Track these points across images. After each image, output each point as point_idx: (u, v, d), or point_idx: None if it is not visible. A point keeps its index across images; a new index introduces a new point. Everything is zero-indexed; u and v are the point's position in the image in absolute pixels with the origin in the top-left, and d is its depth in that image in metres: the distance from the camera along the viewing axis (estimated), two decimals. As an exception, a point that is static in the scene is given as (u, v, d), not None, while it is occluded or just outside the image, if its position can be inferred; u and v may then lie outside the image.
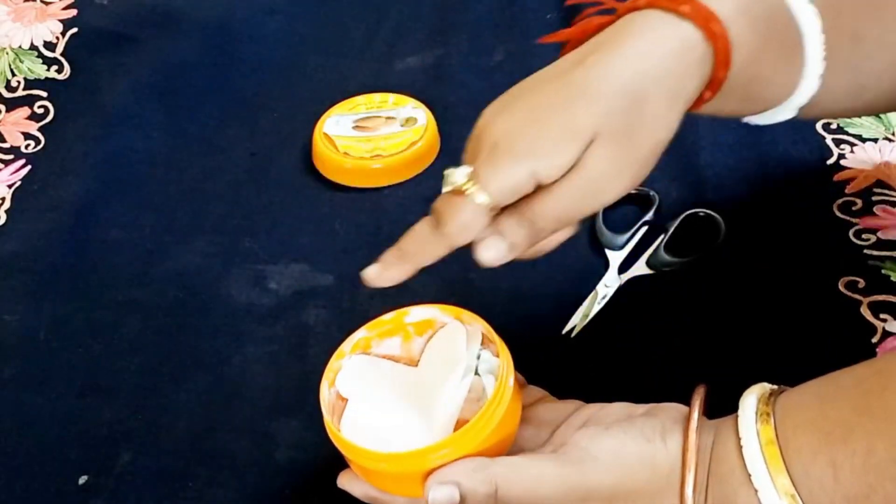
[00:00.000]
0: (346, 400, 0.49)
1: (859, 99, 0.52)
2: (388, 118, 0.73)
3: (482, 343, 0.48)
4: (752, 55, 0.46)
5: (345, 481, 0.48)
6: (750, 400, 0.43)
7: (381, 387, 0.49)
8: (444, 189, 0.45)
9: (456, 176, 0.44)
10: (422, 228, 0.46)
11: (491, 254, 0.45)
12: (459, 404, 0.46)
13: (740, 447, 0.41)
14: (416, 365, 0.50)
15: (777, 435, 0.41)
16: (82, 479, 0.54)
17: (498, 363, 0.46)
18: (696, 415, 0.43)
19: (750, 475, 0.40)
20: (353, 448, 0.45)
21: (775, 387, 0.44)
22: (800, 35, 0.47)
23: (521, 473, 0.43)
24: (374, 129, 0.72)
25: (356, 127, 0.72)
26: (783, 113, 0.50)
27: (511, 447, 0.46)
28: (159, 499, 0.54)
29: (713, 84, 0.46)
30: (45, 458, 0.56)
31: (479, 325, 0.48)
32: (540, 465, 0.43)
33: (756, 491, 0.40)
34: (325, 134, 0.71)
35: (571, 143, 0.43)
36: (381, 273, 0.46)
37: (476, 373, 0.48)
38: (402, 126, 0.72)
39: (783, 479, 0.40)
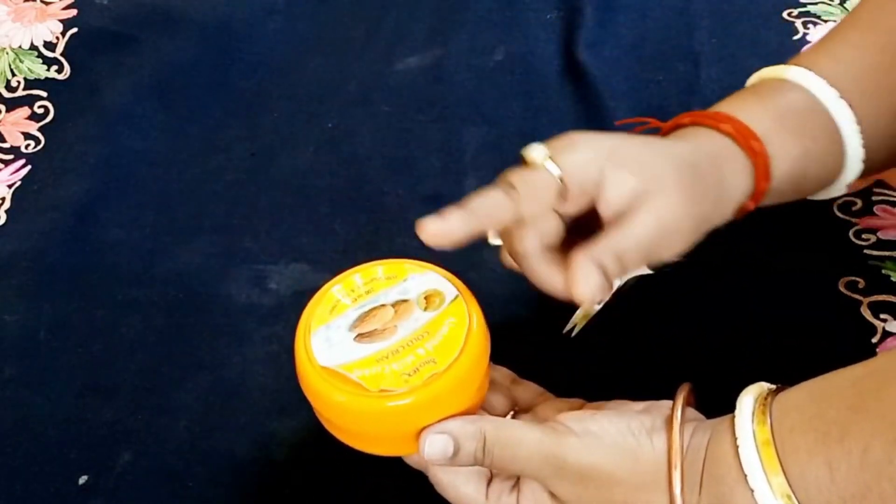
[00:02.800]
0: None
1: None
2: (398, 304, 0.47)
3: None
4: (795, 162, 0.52)
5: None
6: (747, 400, 0.43)
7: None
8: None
9: (535, 151, 0.47)
10: (492, 192, 0.46)
11: (587, 277, 0.46)
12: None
13: (736, 447, 0.41)
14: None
15: (773, 435, 0.41)
16: (82, 479, 0.55)
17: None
18: (678, 413, 0.44)
19: (746, 476, 0.40)
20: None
21: (773, 386, 0.44)
22: (838, 131, 0.53)
23: (507, 431, 0.44)
24: (386, 335, 0.46)
25: (360, 337, 0.46)
26: (833, 192, 0.56)
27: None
28: (159, 499, 0.54)
29: (756, 195, 0.52)
30: (45, 458, 0.56)
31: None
32: (524, 428, 0.44)
33: (752, 491, 0.40)
34: (325, 369, 0.45)
35: (642, 170, 0.47)
36: (442, 225, 0.45)
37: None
38: (425, 310, 0.47)
39: (779, 479, 0.40)
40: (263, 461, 0.55)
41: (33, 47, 0.83)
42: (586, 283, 0.46)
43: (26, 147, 0.75)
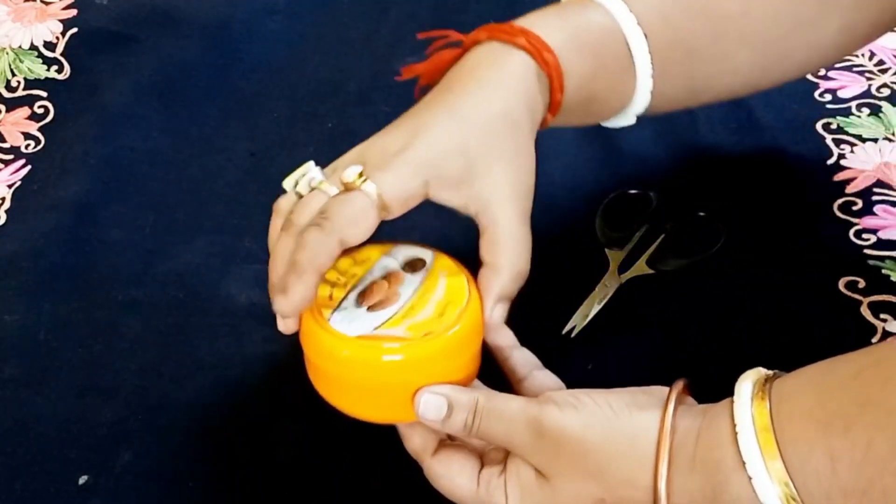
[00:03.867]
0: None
1: (693, 100, 0.59)
2: (387, 277, 0.50)
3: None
4: (584, 79, 0.53)
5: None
6: (745, 385, 0.43)
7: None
8: (322, 187, 0.48)
9: (348, 173, 0.47)
10: (307, 235, 0.46)
11: (502, 315, 0.50)
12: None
13: (734, 433, 0.41)
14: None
15: (773, 421, 0.40)
16: (82, 479, 0.55)
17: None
18: (674, 394, 0.44)
19: (745, 462, 0.40)
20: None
21: (770, 372, 0.44)
22: (631, 56, 0.53)
23: (496, 400, 0.46)
24: (395, 299, 0.48)
25: (371, 308, 0.48)
26: (622, 120, 0.57)
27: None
28: (159, 499, 0.54)
29: (552, 107, 0.52)
30: (45, 458, 0.56)
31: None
32: (510, 398, 0.46)
33: (750, 478, 0.40)
34: (361, 337, 0.46)
35: (461, 158, 0.48)
36: (289, 297, 0.45)
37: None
38: (414, 273, 0.50)
39: (777, 464, 0.39)
40: (263, 461, 0.55)
41: (33, 47, 0.83)
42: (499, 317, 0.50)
43: (26, 147, 0.75)
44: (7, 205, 0.70)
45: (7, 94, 0.79)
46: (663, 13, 0.54)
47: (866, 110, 0.72)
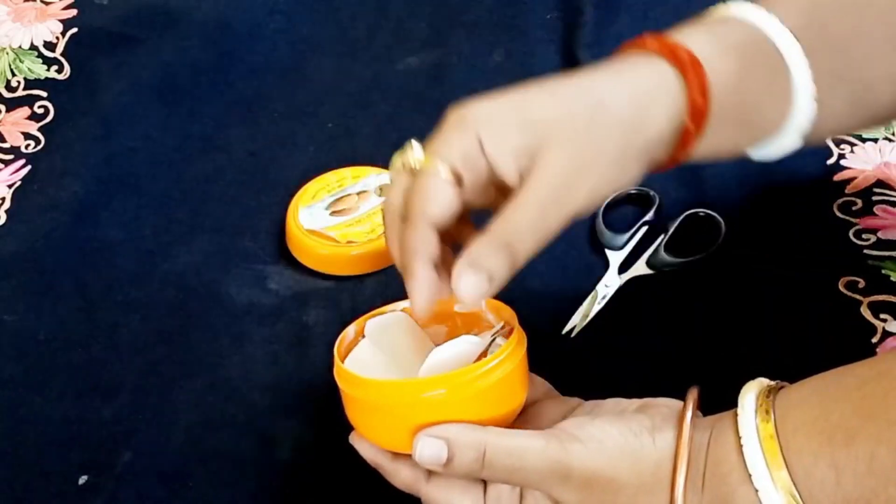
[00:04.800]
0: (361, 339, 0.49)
1: (860, 114, 0.51)
2: (361, 193, 0.67)
3: (501, 329, 0.49)
4: (733, 80, 0.46)
5: (355, 439, 0.48)
6: (749, 397, 0.43)
7: (401, 345, 0.49)
8: (393, 173, 0.46)
9: (409, 156, 0.45)
10: (419, 231, 0.44)
11: (468, 283, 0.43)
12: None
13: (740, 446, 0.41)
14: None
15: (777, 432, 0.41)
16: (82, 479, 0.55)
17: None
18: (689, 414, 0.43)
19: (750, 475, 0.40)
20: (350, 376, 0.45)
21: (773, 382, 0.44)
22: (782, 59, 0.47)
23: (509, 442, 0.43)
24: (353, 210, 0.66)
25: (334, 213, 0.66)
26: (788, 140, 0.49)
27: None
28: (159, 499, 0.54)
29: (694, 112, 0.46)
30: (45, 458, 0.56)
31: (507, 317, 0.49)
32: (528, 438, 0.43)
33: (756, 491, 0.40)
34: (312, 231, 0.65)
35: (520, 128, 0.44)
36: (426, 303, 0.44)
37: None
38: (380, 196, 0.67)
39: (783, 474, 0.40)
40: (263, 461, 0.55)
41: (33, 47, 0.83)
42: (462, 281, 0.43)
43: (26, 147, 0.75)
44: (7, 205, 0.70)
45: (7, 94, 0.79)
46: (812, 16, 0.48)
47: (866, 110, 0.72)
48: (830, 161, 0.69)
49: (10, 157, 0.74)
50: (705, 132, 0.47)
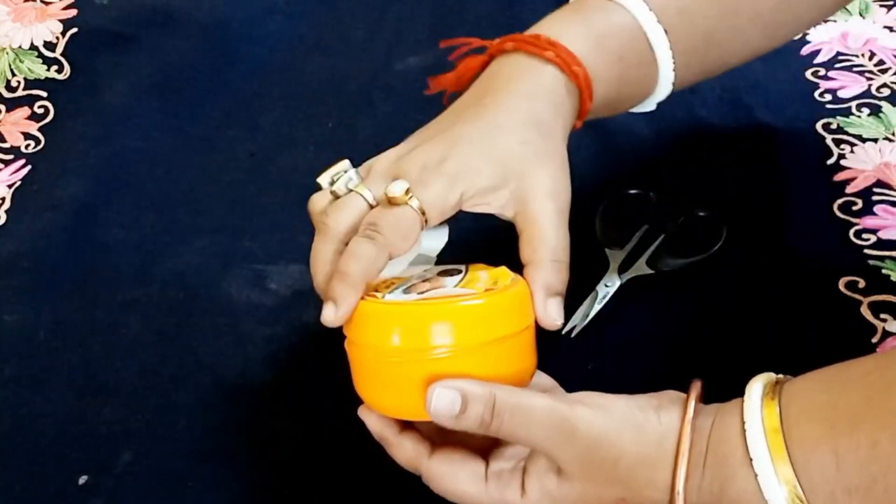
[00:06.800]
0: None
1: (707, 77, 0.61)
2: (427, 280, 0.50)
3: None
4: (611, 85, 0.54)
5: (364, 412, 0.49)
6: (756, 386, 0.43)
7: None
8: (360, 190, 0.49)
9: (395, 188, 0.47)
10: (360, 247, 0.46)
11: (554, 311, 0.49)
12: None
13: (744, 431, 0.42)
14: None
15: (781, 422, 0.41)
16: (82, 479, 0.55)
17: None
18: (694, 396, 0.44)
19: (751, 459, 0.41)
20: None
21: (781, 376, 0.45)
22: (653, 53, 0.55)
23: (518, 398, 0.44)
24: (437, 288, 0.49)
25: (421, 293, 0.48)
26: (643, 108, 0.59)
27: None
28: (159, 499, 0.54)
29: (581, 114, 0.54)
30: (45, 458, 0.56)
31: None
32: (537, 397, 0.44)
33: (756, 475, 0.41)
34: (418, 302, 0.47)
35: (497, 167, 0.49)
36: (339, 308, 0.46)
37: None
38: (449, 276, 0.50)
39: (786, 468, 0.40)
40: (263, 461, 0.55)
41: (33, 47, 0.83)
42: (557, 317, 0.49)
43: (26, 147, 0.75)
44: (7, 205, 0.70)
45: (7, 94, 0.79)
46: (680, 5, 0.56)
47: (866, 110, 0.72)
48: (830, 161, 0.69)
49: (10, 157, 0.74)
50: (587, 118, 0.55)
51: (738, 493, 0.41)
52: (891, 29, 0.79)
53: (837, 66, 0.76)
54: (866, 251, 0.62)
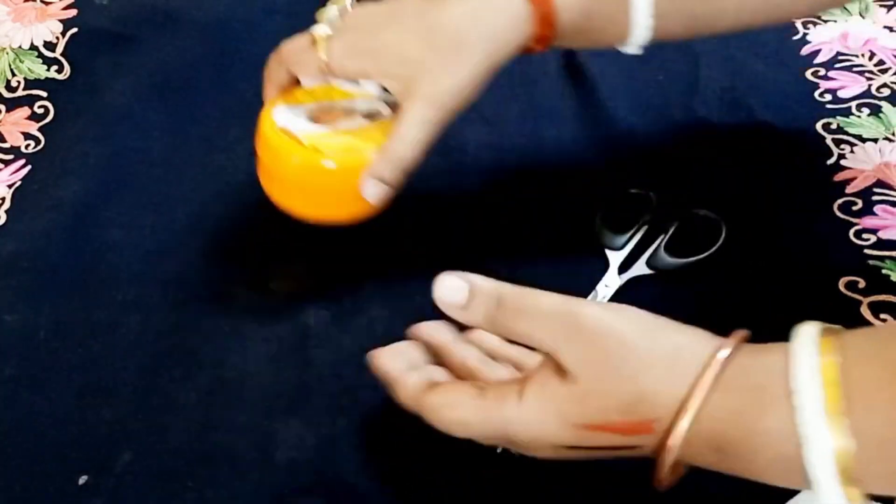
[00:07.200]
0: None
1: (695, 36, 0.60)
2: (346, 110, 0.59)
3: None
4: (578, 19, 0.56)
5: (374, 354, 0.50)
6: (807, 328, 0.41)
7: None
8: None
9: (317, 29, 0.57)
10: (269, 60, 0.61)
11: (370, 191, 0.56)
12: None
13: (787, 365, 0.39)
14: None
15: (838, 363, 0.38)
16: (82, 479, 0.55)
17: None
18: (739, 333, 0.43)
19: (792, 391, 0.38)
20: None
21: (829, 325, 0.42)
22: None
23: (525, 293, 0.45)
24: (333, 122, 0.59)
25: (314, 120, 0.59)
26: (629, 50, 0.59)
27: None
28: (159, 499, 0.54)
29: (541, 39, 0.56)
30: (45, 458, 0.56)
31: None
32: (545, 294, 0.44)
33: (795, 408, 0.38)
34: (284, 129, 0.58)
35: (406, 64, 0.55)
36: (264, 95, 0.61)
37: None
38: (364, 118, 0.59)
39: (839, 417, 0.37)
40: (263, 461, 0.55)
41: (33, 47, 0.83)
42: (372, 196, 0.55)
43: (26, 147, 0.75)
44: (7, 205, 0.70)
45: (7, 94, 0.79)
46: None
47: (866, 110, 0.72)
48: (830, 161, 0.69)
49: (10, 157, 0.74)
50: (553, 44, 0.57)
51: (768, 428, 0.38)
52: (891, 29, 0.79)
53: (837, 66, 0.76)
54: (866, 251, 0.63)
